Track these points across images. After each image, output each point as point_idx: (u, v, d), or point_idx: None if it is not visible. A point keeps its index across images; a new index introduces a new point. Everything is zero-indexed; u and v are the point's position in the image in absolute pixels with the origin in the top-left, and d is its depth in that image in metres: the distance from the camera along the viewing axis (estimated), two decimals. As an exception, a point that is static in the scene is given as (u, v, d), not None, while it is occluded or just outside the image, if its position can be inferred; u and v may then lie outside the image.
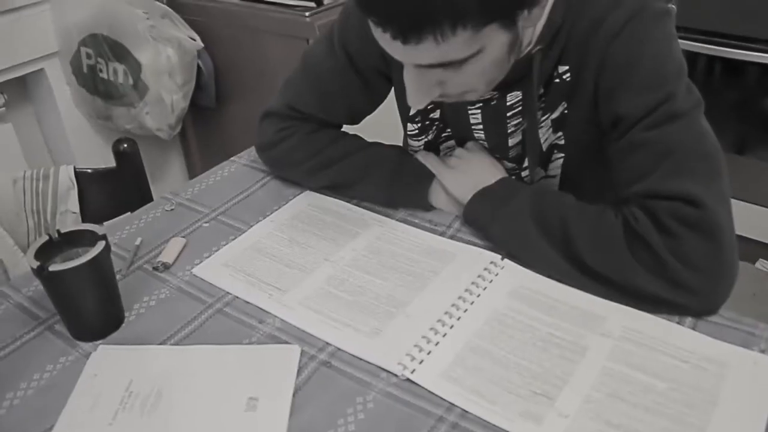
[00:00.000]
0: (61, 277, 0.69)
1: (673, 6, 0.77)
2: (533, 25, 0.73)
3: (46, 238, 0.73)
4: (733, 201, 0.89)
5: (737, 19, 1.84)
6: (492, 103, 0.87)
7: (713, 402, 0.63)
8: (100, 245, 0.71)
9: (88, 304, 0.73)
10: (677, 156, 0.72)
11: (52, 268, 0.68)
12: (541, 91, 0.84)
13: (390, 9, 0.62)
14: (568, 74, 0.81)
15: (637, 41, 0.74)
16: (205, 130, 2.00)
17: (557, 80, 0.82)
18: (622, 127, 0.76)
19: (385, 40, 0.66)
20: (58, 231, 0.74)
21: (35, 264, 0.69)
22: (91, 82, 1.74)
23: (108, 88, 1.73)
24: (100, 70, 1.72)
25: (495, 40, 0.67)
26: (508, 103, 0.86)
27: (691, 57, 1.94)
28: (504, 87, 0.83)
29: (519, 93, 0.84)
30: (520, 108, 0.86)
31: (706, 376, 0.66)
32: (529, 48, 0.78)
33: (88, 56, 1.71)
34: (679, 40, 1.34)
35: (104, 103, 1.76)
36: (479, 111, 0.89)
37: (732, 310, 0.73)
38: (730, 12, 1.84)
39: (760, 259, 2.15)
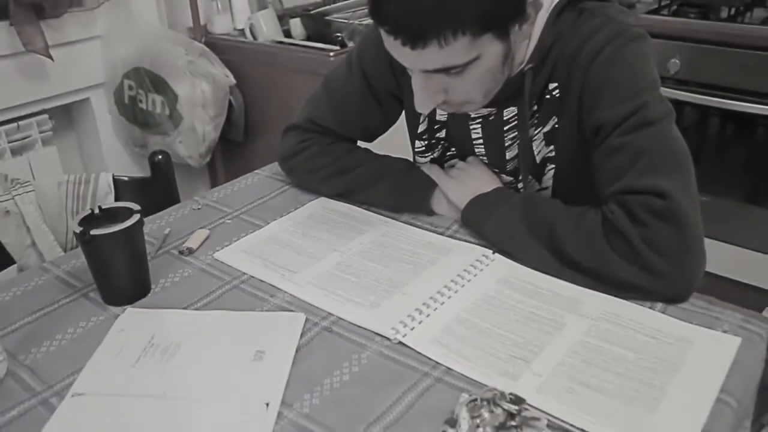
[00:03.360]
0: (99, 240, 0.79)
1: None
2: (524, 40, 0.83)
3: (89, 211, 0.83)
4: (738, 248, 0.95)
5: (744, 74, 1.94)
6: (490, 118, 0.97)
7: (676, 369, 0.69)
8: (135, 217, 0.81)
9: (120, 270, 0.82)
10: (649, 157, 0.80)
11: (93, 232, 0.78)
12: (535, 107, 0.93)
13: (400, 19, 0.74)
14: (557, 90, 0.90)
15: (615, 60, 0.84)
16: (232, 163, 2.13)
17: (548, 96, 0.91)
18: (602, 134, 0.85)
19: (396, 47, 0.77)
20: (100, 207, 0.84)
21: (79, 229, 0.79)
22: (131, 112, 1.89)
23: (146, 118, 1.88)
24: (140, 101, 1.86)
25: (491, 49, 0.77)
26: (504, 118, 0.96)
27: (704, 110, 2.04)
28: (501, 103, 0.93)
29: (514, 108, 0.94)
30: (515, 122, 0.95)
31: (672, 349, 0.72)
32: (522, 66, 0.89)
33: (130, 88, 1.86)
34: (693, 94, 1.40)
35: (141, 131, 1.91)
36: (479, 126, 0.99)
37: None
38: (732, 67, 1.95)
39: (767, 308, 2.18)
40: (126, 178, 1.28)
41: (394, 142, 1.20)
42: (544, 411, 0.64)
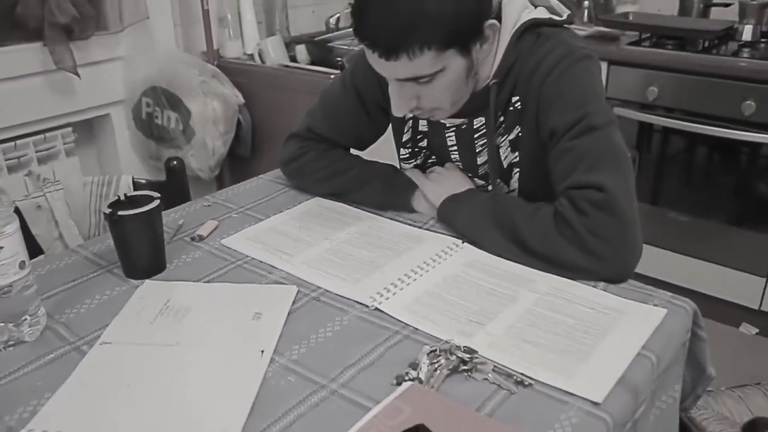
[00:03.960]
0: (125, 220, 0.93)
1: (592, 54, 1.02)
2: (486, 57, 0.98)
3: (117, 197, 0.98)
4: (719, 267, 1.01)
5: (716, 101, 2.08)
6: (463, 127, 1.12)
7: (606, 332, 0.82)
8: (155, 203, 0.96)
9: (141, 246, 0.96)
10: (592, 157, 0.94)
11: (120, 213, 0.93)
12: (501, 118, 1.08)
13: (377, 35, 0.90)
14: (519, 103, 1.05)
15: (564, 76, 0.99)
16: (239, 176, 2.26)
17: (511, 108, 1.06)
18: (554, 139, 0.99)
19: (374, 59, 0.92)
20: (125, 194, 0.99)
21: (108, 210, 0.93)
22: (148, 127, 2.05)
23: (161, 133, 2.03)
24: (156, 117, 2.02)
25: (454, 63, 0.92)
26: (474, 127, 1.10)
27: (680, 134, 2.19)
28: (471, 113, 1.08)
29: (482, 118, 1.09)
30: (484, 130, 1.10)
31: (606, 318, 0.85)
32: (487, 81, 1.04)
33: (148, 105, 2.02)
34: (670, 119, 1.54)
35: (156, 145, 2.06)
36: (454, 134, 1.14)
37: (717, 365, 0.93)
38: (706, 95, 2.09)
39: (744, 323, 2.29)
40: (143, 181, 1.43)
41: (383, 153, 1.35)
42: (492, 361, 0.77)
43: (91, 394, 0.74)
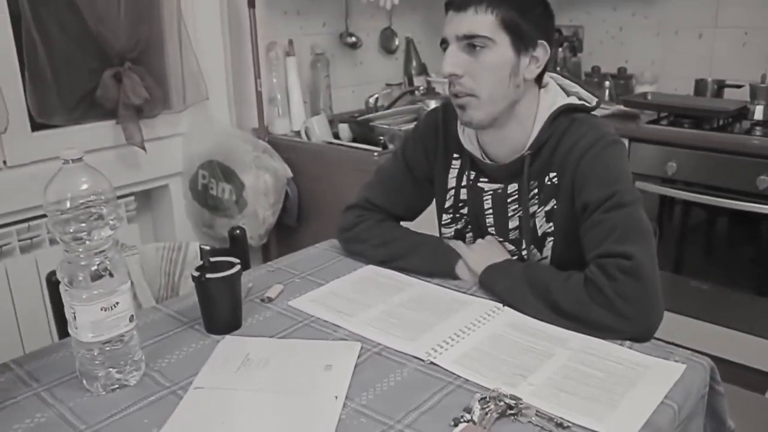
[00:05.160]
0: (210, 282, 1.08)
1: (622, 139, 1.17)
2: (527, 89, 1.17)
3: (201, 262, 1.13)
4: (745, 335, 1.11)
5: (730, 176, 2.22)
6: (498, 191, 1.27)
7: (633, 384, 0.94)
8: (236, 267, 1.11)
9: (223, 305, 1.10)
10: (621, 230, 1.08)
11: (207, 276, 1.08)
12: (536, 190, 1.23)
13: None
14: (556, 178, 1.20)
15: (597, 158, 1.14)
16: (285, 244, 2.43)
17: (548, 182, 1.21)
18: (587, 212, 1.13)
19: (447, 18, 1.13)
20: (209, 260, 1.14)
21: (196, 273, 1.08)
22: (203, 198, 2.23)
23: (215, 203, 2.21)
24: (211, 188, 2.20)
25: (504, 48, 1.11)
26: (508, 192, 1.25)
27: (698, 207, 2.31)
28: (506, 179, 1.24)
29: (516, 185, 1.24)
30: (516, 196, 1.25)
31: (632, 371, 0.97)
32: (523, 152, 1.19)
33: (204, 177, 2.21)
34: (687, 193, 1.67)
35: (210, 214, 2.24)
36: (490, 197, 1.28)
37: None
38: (720, 170, 2.23)
39: (769, 390, 2.34)
40: (208, 247, 1.58)
41: (426, 224, 1.50)
42: (535, 406, 0.89)
43: (192, 429, 0.87)
